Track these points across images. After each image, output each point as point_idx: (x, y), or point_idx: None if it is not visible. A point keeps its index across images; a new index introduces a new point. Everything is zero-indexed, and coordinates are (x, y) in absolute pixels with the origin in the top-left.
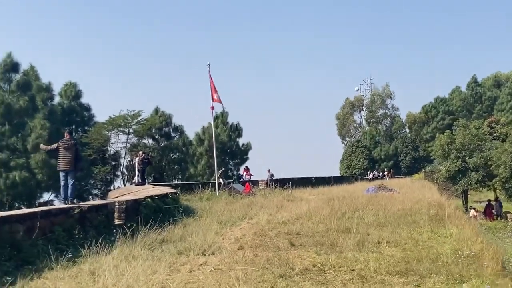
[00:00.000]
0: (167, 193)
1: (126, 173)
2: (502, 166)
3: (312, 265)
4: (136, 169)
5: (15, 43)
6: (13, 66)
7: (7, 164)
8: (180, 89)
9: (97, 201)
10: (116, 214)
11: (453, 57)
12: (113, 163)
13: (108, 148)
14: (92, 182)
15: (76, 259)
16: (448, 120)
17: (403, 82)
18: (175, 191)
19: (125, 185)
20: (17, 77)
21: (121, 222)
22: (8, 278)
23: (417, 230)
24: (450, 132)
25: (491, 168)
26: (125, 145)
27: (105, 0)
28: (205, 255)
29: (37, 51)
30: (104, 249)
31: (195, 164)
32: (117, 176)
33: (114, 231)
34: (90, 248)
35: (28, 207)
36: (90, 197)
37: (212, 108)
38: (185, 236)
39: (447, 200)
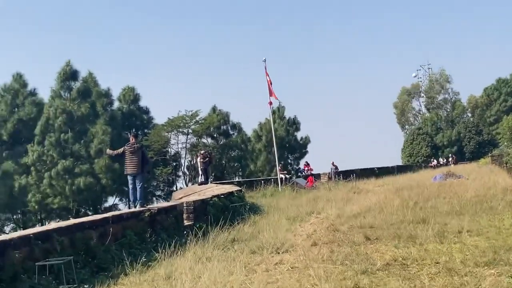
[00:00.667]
0: (232, 191)
1: (188, 173)
2: None
3: (393, 260)
4: (199, 169)
5: (73, 51)
6: (72, 74)
7: (72, 171)
8: (236, 86)
9: (166, 203)
10: (185, 215)
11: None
12: (174, 164)
13: (169, 149)
14: (155, 184)
15: (150, 263)
16: None
17: (462, 65)
18: (240, 189)
19: (187, 185)
20: (76, 84)
21: (190, 223)
22: (85, 286)
23: (497, 217)
24: None
25: None
26: (185, 146)
27: (156, 1)
28: (278, 253)
29: (94, 57)
30: (176, 251)
31: (254, 161)
32: (179, 176)
33: (185, 232)
34: (163, 251)
35: (94, 212)
36: (154, 198)
37: (270, 103)
38: (256, 235)
39: None
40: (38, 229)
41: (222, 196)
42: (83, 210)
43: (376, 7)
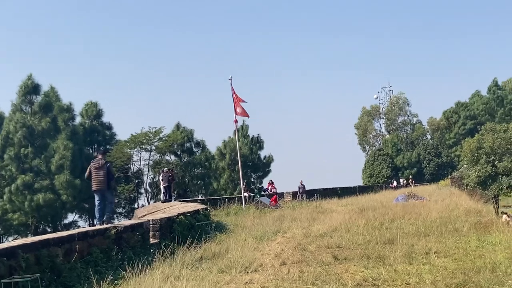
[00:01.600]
0: (198, 210)
1: (150, 190)
2: None
3: (363, 280)
4: (161, 186)
5: (34, 65)
6: (34, 88)
7: (32, 186)
8: (200, 104)
9: (132, 221)
10: (151, 233)
11: (472, 61)
12: (136, 181)
13: (131, 166)
14: (116, 201)
15: (116, 281)
16: (470, 125)
17: (423, 88)
18: (206, 207)
19: (149, 202)
20: (38, 99)
21: (156, 241)
22: None
23: (462, 239)
24: (479, 135)
25: None
26: (147, 163)
27: (120, 16)
28: (247, 272)
29: (56, 72)
30: (144, 270)
31: (217, 179)
32: (141, 194)
33: (151, 250)
34: (130, 269)
35: (53, 229)
36: (115, 216)
37: (236, 121)
38: (223, 253)
39: (484, 206)
40: (2, 245)
41: (188, 214)
42: (41, 227)
43: (340, 28)
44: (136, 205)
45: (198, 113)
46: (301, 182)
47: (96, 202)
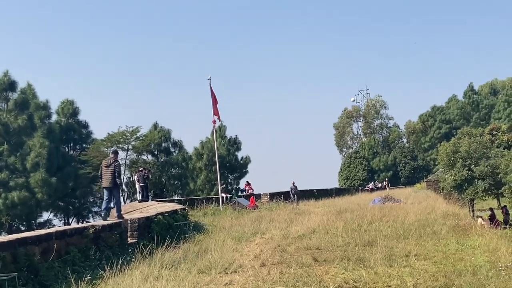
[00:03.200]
0: (176, 210)
1: (126, 190)
2: (511, 174)
3: (344, 282)
4: (137, 186)
5: (10, 61)
6: (10, 85)
7: (6, 184)
8: (177, 104)
9: (110, 220)
10: (129, 233)
11: (448, 65)
12: None
13: None
14: (91, 200)
15: (94, 281)
16: (446, 129)
17: (400, 91)
18: (184, 207)
19: (125, 202)
20: (14, 95)
21: (134, 240)
22: None
23: (441, 242)
24: (455, 139)
25: (498, 176)
26: (124, 162)
27: (98, 16)
28: (227, 273)
29: (33, 69)
30: (122, 270)
31: (194, 179)
32: None
33: (130, 250)
34: (109, 269)
35: (27, 227)
36: (90, 215)
37: (214, 122)
38: (202, 254)
39: (460, 210)
40: None
41: (166, 214)
42: (15, 225)
43: (319, 31)
44: (112, 205)
45: (175, 113)
46: (293, 183)
47: (104, 198)
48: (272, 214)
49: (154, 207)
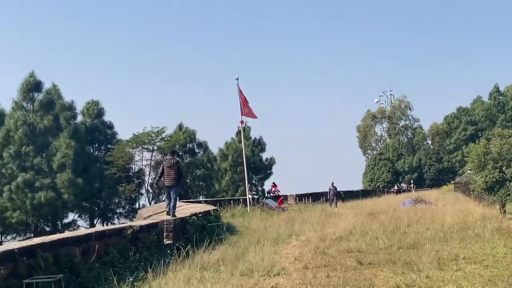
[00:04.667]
0: (209, 210)
1: (151, 191)
2: None
3: (396, 286)
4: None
5: (36, 62)
6: (36, 85)
7: (32, 185)
8: (203, 104)
9: (147, 221)
10: (165, 234)
11: (474, 66)
12: (138, 181)
13: (132, 165)
14: (116, 201)
15: (135, 283)
16: (471, 131)
17: (424, 93)
18: (216, 208)
19: (150, 203)
20: (40, 96)
21: (170, 241)
22: None
23: (487, 245)
24: (486, 141)
25: None
26: (149, 163)
27: (125, 17)
28: (270, 276)
29: (59, 70)
30: (162, 271)
31: (219, 180)
32: (141, 194)
33: (169, 251)
34: (150, 271)
35: (53, 228)
36: (115, 216)
37: (242, 122)
38: (240, 256)
39: (501, 213)
40: (21, 243)
41: (200, 215)
42: (41, 226)
43: (344, 31)
44: (137, 205)
45: (200, 113)
46: (332, 183)
47: (167, 195)
48: (302, 216)
49: (185, 208)
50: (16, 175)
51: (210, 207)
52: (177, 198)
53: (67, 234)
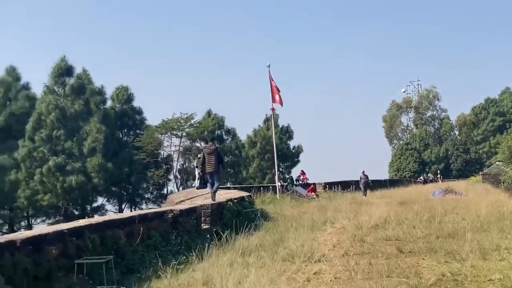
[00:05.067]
0: (243, 196)
1: (179, 176)
2: None
3: (442, 275)
4: (196, 172)
5: (65, 46)
6: (67, 70)
7: (63, 169)
8: (231, 91)
9: (186, 205)
10: (202, 218)
11: (502, 57)
12: (166, 167)
13: (161, 151)
14: (144, 186)
15: (178, 266)
16: (499, 122)
17: (452, 83)
18: (250, 194)
19: (178, 189)
20: (71, 81)
21: (207, 226)
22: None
23: None
24: None
25: None
26: (177, 149)
27: (157, 2)
28: (311, 262)
29: (89, 55)
30: (204, 255)
31: (247, 167)
32: (169, 180)
33: (208, 236)
34: (193, 254)
35: (81, 212)
36: (143, 201)
37: (273, 109)
38: (278, 242)
39: None
40: (70, 224)
41: (235, 200)
42: (70, 209)
43: (372, 18)
44: (165, 191)
45: (229, 100)
46: (363, 172)
47: (209, 181)
48: (333, 204)
49: (218, 194)
50: (47, 158)
51: (244, 193)
52: (219, 184)
53: (112, 216)
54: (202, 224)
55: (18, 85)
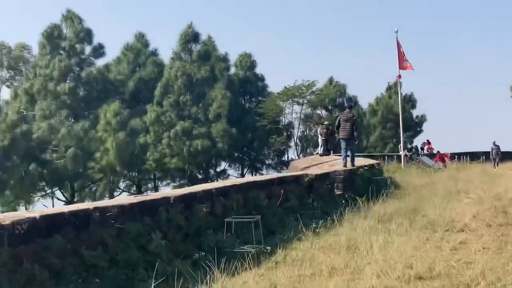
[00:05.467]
0: (373, 164)
1: (300, 144)
2: None
3: None
4: (320, 139)
5: (192, 13)
6: (194, 37)
7: (190, 133)
8: (353, 58)
9: (320, 170)
10: (335, 184)
11: None
12: (287, 134)
13: (282, 118)
14: (266, 152)
15: (318, 230)
16: None
17: None
18: (379, 162)
19: (299, 156)
20: (197, 47)
21: (340, 192)
22: (267, 247)
23: None
24: None
25: None
26: (299, 116)
27: None
28: (453, 231)
29: (213, 22)
30: (342, 220)
31: (368, 136)
32: (289, 147)
33: (343, 201)
34: (324, 218)
35: (204, 175)
36: (264, 167)
37: (399, 76)
38: (412, 210)
39: None
40: (216, 184)
41: (365, 167)
42: (194, 173)
43: None
44: (285, 158)
45: (351, 67)
46: (494, 143)
47: (343, 148)
48: (461, 175)
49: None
50: (174, 123)
51: (372, 161)
52: (354, 150)
53: (253, 178)
54: (335, 190)
55: (147, 51)
